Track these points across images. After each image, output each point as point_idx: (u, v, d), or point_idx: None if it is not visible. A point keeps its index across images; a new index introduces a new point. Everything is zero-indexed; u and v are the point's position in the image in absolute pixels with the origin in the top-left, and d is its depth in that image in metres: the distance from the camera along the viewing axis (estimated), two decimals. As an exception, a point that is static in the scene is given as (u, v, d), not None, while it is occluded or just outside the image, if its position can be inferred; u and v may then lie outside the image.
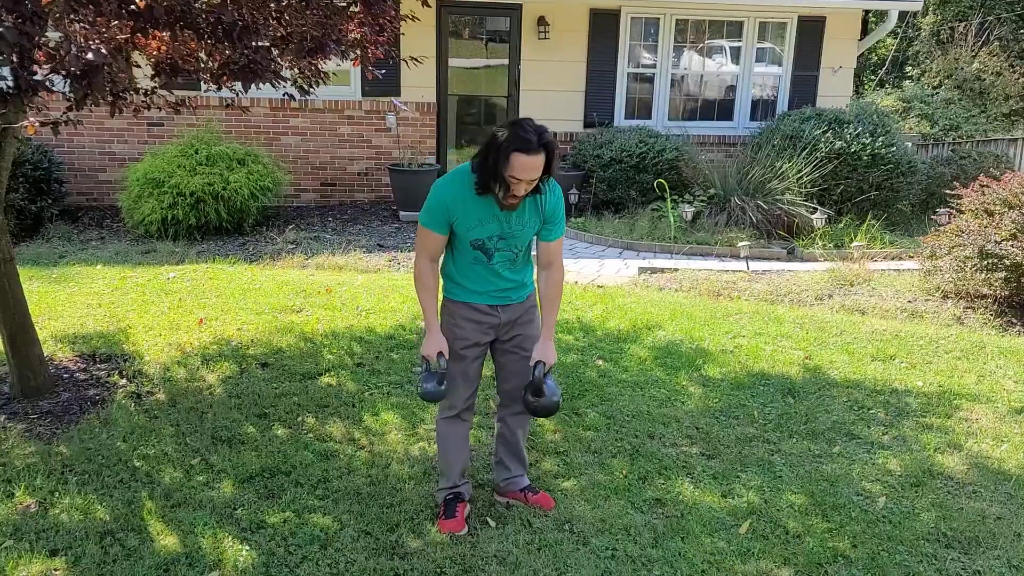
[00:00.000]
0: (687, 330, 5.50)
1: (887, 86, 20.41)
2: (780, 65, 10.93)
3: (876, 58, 21.52)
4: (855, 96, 16.13)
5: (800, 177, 8.86)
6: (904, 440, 3.95)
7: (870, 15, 15.11)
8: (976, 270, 6.25)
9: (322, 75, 4.46)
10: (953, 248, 6.46)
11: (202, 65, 4.17)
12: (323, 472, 3.45)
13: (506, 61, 10.31)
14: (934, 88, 18.76)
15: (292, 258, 7.33)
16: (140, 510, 3.12)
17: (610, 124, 10.40)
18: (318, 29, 4.01)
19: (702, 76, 11.00)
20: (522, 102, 10.31)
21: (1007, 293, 6.27)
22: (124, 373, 4.45)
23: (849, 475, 3.58)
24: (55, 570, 2.76)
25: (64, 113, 3.70)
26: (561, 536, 3.03)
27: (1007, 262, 5.98)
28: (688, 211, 8.65)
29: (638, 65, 10.68)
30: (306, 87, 4.46)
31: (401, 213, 9.33)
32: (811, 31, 10.76)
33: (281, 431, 3.84)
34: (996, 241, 6.07)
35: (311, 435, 3.80)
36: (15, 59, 3.03)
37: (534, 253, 3.05)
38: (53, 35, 3.36)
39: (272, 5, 3.89)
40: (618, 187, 9.46)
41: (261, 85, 3.99)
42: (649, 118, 10.74)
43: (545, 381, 2.95)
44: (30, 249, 7.46)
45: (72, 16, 3.29)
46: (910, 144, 10.56)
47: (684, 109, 11.01)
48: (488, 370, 3.39)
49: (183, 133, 8.63)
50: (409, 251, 7.80)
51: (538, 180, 2.75)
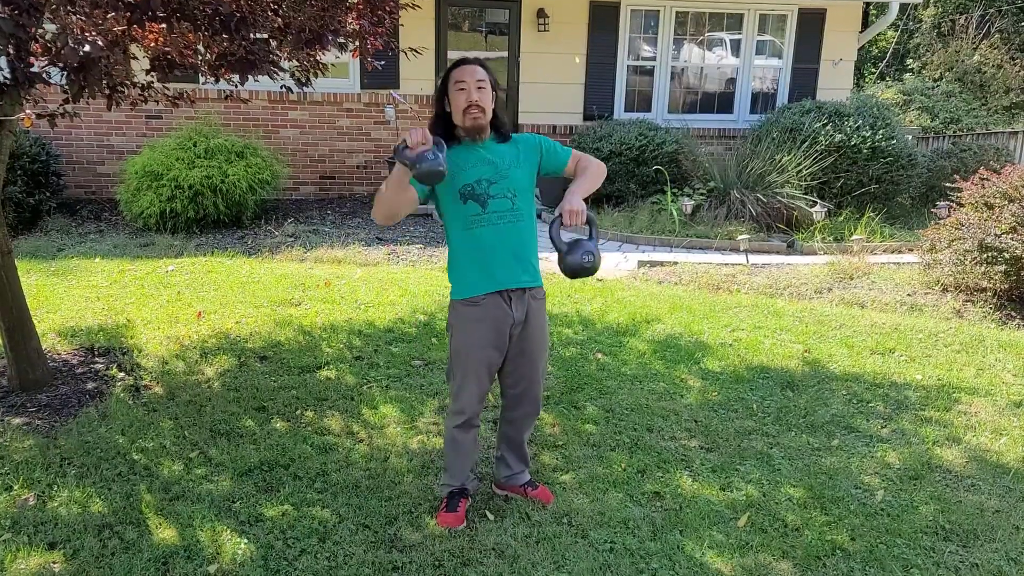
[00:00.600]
0: (686, 323, 5.50)
1: (888, 79, 20.38)
2: (780, 58, 10.90)
3: (877, 51, 21.49)
4: (855, 89, 16.11)
5: (800, 170, 8.84)
6: (903, 433, 3.95)
7: (871, 7, 15.04)
8: (976, 263, 6.24)
9: (320, 67, 4.44)
10: (953, 241, 6.46)
11: (200, 57, 4.15)
12: (322, 465, 3.45)
13: (505, 53, 10.28)
14: (935, 81, 18.74)
15: (291, 251, 7.32)
16: (138, 503, 3.12)
17: (610, 117, 10.37)
18: (316, 20, 3.99)
19: (702, 69, 10.97)
20: (521, 95, 10.29)
21: (1007, 286, 6.27)
22: (123, 366, 4.45)
23: (848, 468, 3.58)
24: (53, 563, 2.76)
25: (61, 106, 3.69)
26: (560, 529, 3.03)
27: (1007, 255, 5.98)
28: (688, 204, 8.64)
29: (638, 58, 10.66)
30: (303, 80, 4.44)
31: (400, 206, 9.31)
32: (811, 23, 10.73)
33: (280, 424, 3.84)
34: (996, 234, 6.07)
35: (310, 428, 3.80)
36: (11, 51, 3.02)
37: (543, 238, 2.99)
38: (50, 27, 3.35)
39: (270, -4, 3.88)
40: (617, 180, 9.44)
41: (259, 77, 3.98)
42: (649, 111, 10.72)
43: (579, 240, 2.84)
44: (28, 242, 7.45)
45: (68, 7, 3.27)
46: (910, 137, 10.53)
47: (684, 102, 10.98)
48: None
49: (181, 126, 8.60)
50: (408, 245, 7.79)
51: (487, 90, 2.84)
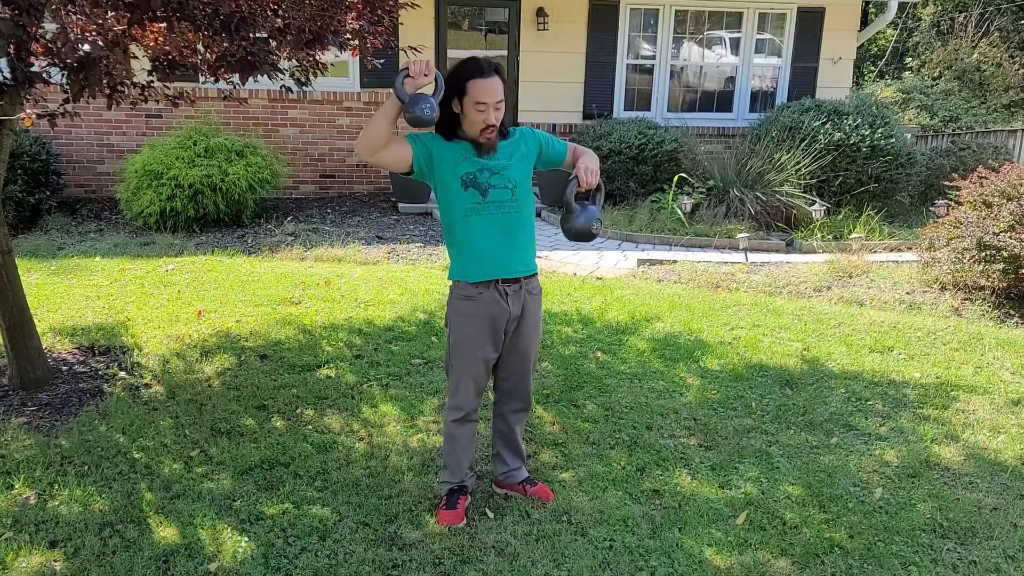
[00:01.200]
0: (686, 322, 5.51)
1: (887, 77, 20.39)
2: (779, 56, 10.91)
3: (876, 49, 21.48)
4: (854, 87, 16.11)
5: (799, 169, 8.85)
6: (901, 431, 3.96)
7: (870, 6, 15.07)
8: (974, 261, 6.25)
9: (320, 66, 4.45)
10: (951, 240, 6.47)
11: (199, 57, 4.16)
12: (322, 464, 3.46)
13: (505, 52, 10.28)
14: (934, 79, 18.74)
15: (291, 250, 7.32)
16: (139, 502, 3.13)
17: (609, 116, 10.38)
18: (316, 20, 3.99)
19: (701, 67, 10.98)
20: (521, 93, 10.29)
21: (1005, 284, 6.28)
22: (123, 365, 4.46)
23: (846, 466, 3.59)
24: (54, 561, 2.77)
25: (61, 105, 3.69)
26: (559, 527, 3.04)
27: (1005, 253, 5.99)
28: (687, 203, 8.64)
29: (637, 56, 10.66)
30: (303, 79, 4.45)
31: (400, 205, 9.32)
32: (810, 22, 10.74)
33: (280, 423, 3.84)
34: (994, 232, 6.08)
35: (310, 427, 3.81)
36: (12, 51, 3.02)
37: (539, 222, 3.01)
38: (50, 27, 3.35)
39: (270, -4, 3.88)
40: (617, 179, 9.45)
41: (259, 77, 3.98)
42: (648, 110, 10.73)
43: (585, 204, 2.86)
44: (28, 241, 7.46)
45: (68, 7, 3.28)
46: (909, 135, 10.55)
47: (683, 100, 10.99)
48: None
49: (181, 125, 8.61)
50: (408, 243, 7.80)
51: (503, 106, 2.74)
